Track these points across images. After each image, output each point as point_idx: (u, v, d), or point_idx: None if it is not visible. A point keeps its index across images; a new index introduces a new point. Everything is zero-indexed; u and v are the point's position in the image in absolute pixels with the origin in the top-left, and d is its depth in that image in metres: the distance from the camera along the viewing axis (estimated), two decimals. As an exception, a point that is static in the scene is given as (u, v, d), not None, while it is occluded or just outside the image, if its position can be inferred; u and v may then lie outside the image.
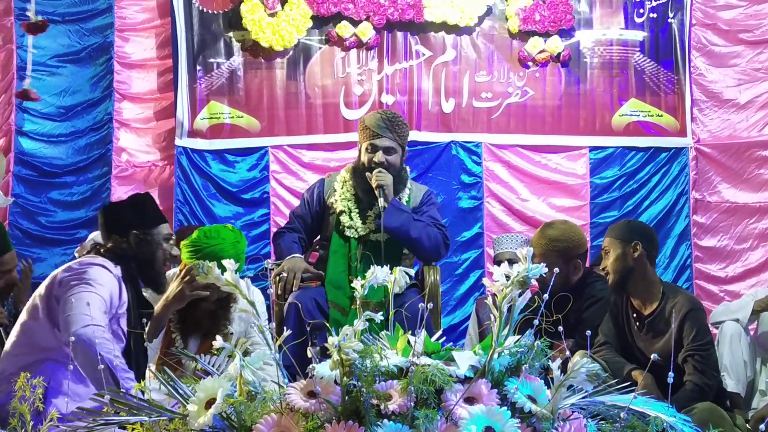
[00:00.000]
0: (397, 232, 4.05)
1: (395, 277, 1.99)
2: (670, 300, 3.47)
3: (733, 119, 6.38)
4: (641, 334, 3.52)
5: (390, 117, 4.21)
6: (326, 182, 4.37)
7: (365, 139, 4.18)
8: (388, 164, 4.14)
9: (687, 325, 3.38)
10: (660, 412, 1.70)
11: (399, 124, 4.20)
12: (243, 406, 1.66)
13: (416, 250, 4.17)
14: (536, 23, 6.16)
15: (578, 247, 3.95)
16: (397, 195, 4.19)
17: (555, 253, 3.87)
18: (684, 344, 3.38)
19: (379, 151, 4.13)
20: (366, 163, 4.16)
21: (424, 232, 4.11)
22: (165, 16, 6.10)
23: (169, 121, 6.12)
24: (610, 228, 3.72)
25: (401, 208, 4.11)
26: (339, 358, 1.60)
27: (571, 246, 3.91)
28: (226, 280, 1.78)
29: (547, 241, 3.94)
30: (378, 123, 4.15)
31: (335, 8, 6.04)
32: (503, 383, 1.70)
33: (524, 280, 1.74)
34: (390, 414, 1.60)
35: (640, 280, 3.52)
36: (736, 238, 6.30)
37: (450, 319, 6.04)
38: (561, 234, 3.95)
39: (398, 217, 4.06)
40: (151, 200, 3.39)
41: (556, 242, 3.91)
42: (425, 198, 4.34)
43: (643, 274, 3.52)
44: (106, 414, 1.73)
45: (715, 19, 6.41)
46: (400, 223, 4.06)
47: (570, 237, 3.94)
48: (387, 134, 4.15)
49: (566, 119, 6.33)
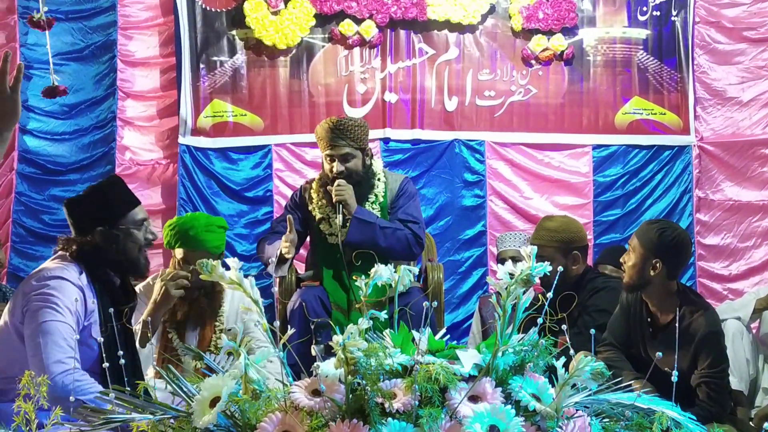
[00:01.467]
0: (363, 245, 4.05)
1: (399, 275, 1.99)
2: (688, 316, 3.33)
3: (737, 117, 6.37)
4: (655, 342, 3.43)
5: (337, 124, 4.16)
6: (303, 189, 4.38)
7: (322, 149, 4.20)
8: (349, 171, 4.13)
9: (704, 350, 3.27)
10: (665, 410, 1.70)
11: (349, 128, 4.15)
12: (247, 405, 1.66)
13: (388, 256, 4.08)
14: (539, 21, 6.16)
15: (577, 239, 3.94)
16: (365, 199, 4.18)
17: (553, 243, 3.89)
18: (698, 367, 3.28)
19: (335, 161, 4.12)
20: (328, 174, 4.18)
21: (393, 238, 4.11)
22: (168, 14, 6.10)
23: (172, 119, 6.13)
24: (644, 228, 3.47)
25: (366, 219, 4.09)
26: (343, 356, 1.60)
27: (569, 238, 3.91)
28: (230, 279, 1.78)
29: (546, 232, 3.96)
30: (327, 133, 4.13)
31: (338, 6, 6.04)
32: (507, 381, 1.70)
33: (528, 278, 1.74)
34: (394, 412, 1.60)
35: (656, 291, 3.42)
36: (740, 236, 6.30)
37: (453, 316, 6.04)
38: (560, 226, 3.96)
39: (363, 230, 4.06)
40: (114, 187, 3.12)
41: (555, 233, 3.92)
42: (401, 189, 4.31)
43: (659, 288, 3.40)
44: (110, 412, 1.73)
45: (719, 17, 6.40)
46: (366, 237, 4.06)
47: (568, 229, 3.95)
48: (340, 142, 4.12)
49: (569, 117, 6.33)
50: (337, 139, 4.11)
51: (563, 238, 3.91)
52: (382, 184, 4.26)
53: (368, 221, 4.07)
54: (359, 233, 4.02)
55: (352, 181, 4.13)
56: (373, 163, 4.30)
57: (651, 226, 3.47)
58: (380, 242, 4.06)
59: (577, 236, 3.95)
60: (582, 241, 3.99)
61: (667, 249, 3.35)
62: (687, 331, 3.31)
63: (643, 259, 3.36)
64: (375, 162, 4.34)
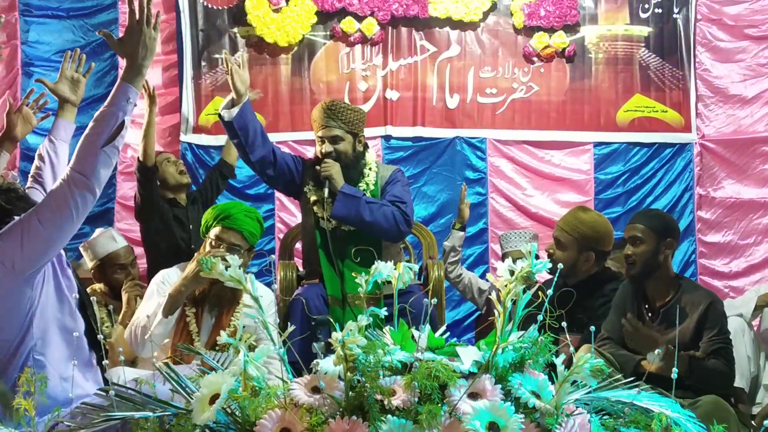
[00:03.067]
0: (348, 220, 4.06)
1: (399, 272, 1.99)
2: (687, 292, 3.47)
3: (738, 115, 6.36)
4: (654, 324, 3.49)
5: (331, 105, 4.20)
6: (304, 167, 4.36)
7: (315, 131, 4.22)
8: (338, 153, 4.14)
9: (709, 319, 3.37)
10: (664, 408, 1.70)
11: (342, 110, 4.18)
12: (247, 402, 1.66)
13: (374, 232, 4.13)
14: (541, 19, 6.16)
15: (598, 240, 3.93)
16: (354, 183, 4.17)
17: (575, 233, 3.89)
18: (705, 337, 3.37)
19: (326, 142, 4.14)
20: (318, 155, 4.19)
21: (379, 213, 4.08)
22: (170, 12, 6.10)
23: (173, 117, 6.13)
24: (644, 216, 3.68)
25: (351, 194, 4.08)
26: (343, 353, 1.60)
27: (592, 236, 3.90)
28: (230, 276, 1.78)
29: (574, 219, 3.97)
30: (320, 114, 4.17)
31: (340, 4, 6.04)
32: (507, 379, 1.70)
33: (528, 275, 1.74)
34: (394, 409, 1.60)
35: (663, 274, 3.53)
36: (741, 233, 6.29)
37: (454, 314, 6.05)
38: (589, 220, 3.96)
39: (348, 204, 4.04)
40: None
41: (581, 225, 3.92)
42: (391, 177, 4.32)
43: (666, 270, 3.54)
44: (110, 409, 1.73)
45: (721, 15, 6.39)
46: (350, 210, 4.05)
47: (595, 227, 3.94)
48: (331, 123, 4.14)
49: (571, 115, 6.33)
50: (328, 120, 4.14)
51: (585, 232, 3.90)
52: (374, 174, 4.26)
53: (354, 195, 4.07)
54: (344, 207, 4.02)
55: (341, 164, 4.14)
56: (366, 152, 4.30)
57: (648, 213, 3.81)
58: (365, 216, 4.04)
59: (600, 237, 3.93)
60: (603, 244, 3.96)
61: (674, 227, 3.63)
62: (687, 306, 3.42)
63: (655, 242, 3.51)
64: (368, 152, 4.33)
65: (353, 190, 4.09)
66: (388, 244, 4.21)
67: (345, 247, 4.11)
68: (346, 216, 4.04)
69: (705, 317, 3.38)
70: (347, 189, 4.07)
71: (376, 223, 4.07)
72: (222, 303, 3.54)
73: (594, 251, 3.91)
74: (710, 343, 3.35)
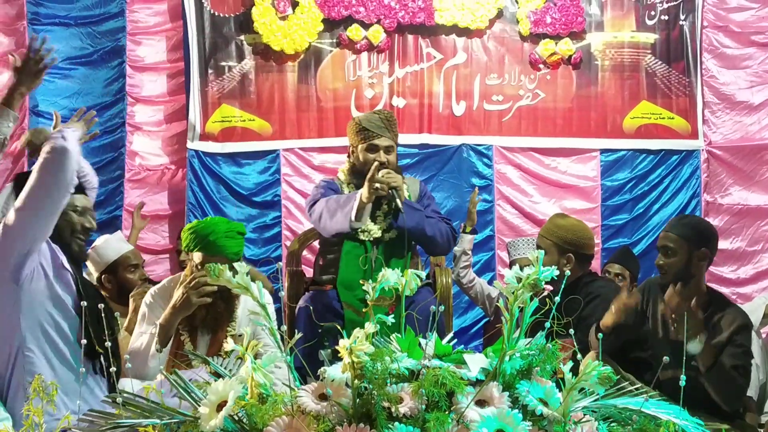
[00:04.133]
0: (414, 231, 4.04)
1: (407, 279, 1.98)
2: (720, 308, 3.36)
3: (745, 121, 6.36)
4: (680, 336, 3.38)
5: (387, 116, 4.22)
6: (336, 183, 4.37)
7: (363, 140, 4.15)
8: (389, 164, 4.13)
9: (739, 339, 3.28)
10: (672, 415, 1.69)
11: (394, 123, 4.23)
12: (254, 409, 1.66)
13: (429, 246, 4.19)
14: (547, 26, 6.16)
15: (577, 243, 3.90)
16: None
17: (552, 237, 3.87)
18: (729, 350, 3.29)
19: (380, 150, 4.13)
20: (367, 164, 4.12)
21: (436, 228, 4.13)
22: (177, 20, 6.12)
23: (180, 124, 6.14)
24: (677, 225, 3.51)
25: (415, 206, 4.11)
26: (350, 360, 1.60)
27: (570, 238, 3.87)
28: (237, 283, 1.78)
29: (551, 225, 3.97)
30: (377, 123, 4.15)
31: (346, 11, 6.05)
32: (514, 386, 1.70)
33: (535, 282, 1.74)
34: (401, 417, 1.60)
35: (695, 284, 3.43)
36: (748, 240, 6.29)
37: (461, 321, 6.04)
38: (567, 224, 3.95)
39: (414, 216, 4.06)
40: None
41: (558, 229, 3.91)
42: (422, 191, 4.33)
43: (699, 281, 3.44)
44: (118, 416, 1.73)
45: (727, 21, 6.39)
46: (417, 222, 4.06)
47: (573, 230, 3.92)
48: (386, 134, 4.15)
49: (577, 122, 6.33)
50: (384, 130, 4.15)
51: (564, 236, 3.88)
52: (405, 186, 4.26)
53: (417, 208, 4.11)
54: (412, 219, 4.03)
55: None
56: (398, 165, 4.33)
57: (682, 221, 3.56)
58: (427, 230, 4.09)
59: (579, 240, 3.91)
60: (583, 247, 3.92)
61: (709, 235, 3.47)
62: (720, 322, 3.33)
63: (688, 252, 3.39)
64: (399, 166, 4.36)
65: (414, 203, 4.14)
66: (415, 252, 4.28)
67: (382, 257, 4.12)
68: (414, 227, 4.03)
69: (735, 335, 3.28)
70: (409, 202, 4.12)
71: (433, 238, 4.13)
72: (216, 321, 3.51)
73: (573, 254, 3.89)
74: (733, 357, 3.26)
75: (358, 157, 4.18)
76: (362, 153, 4.17)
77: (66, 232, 3.12)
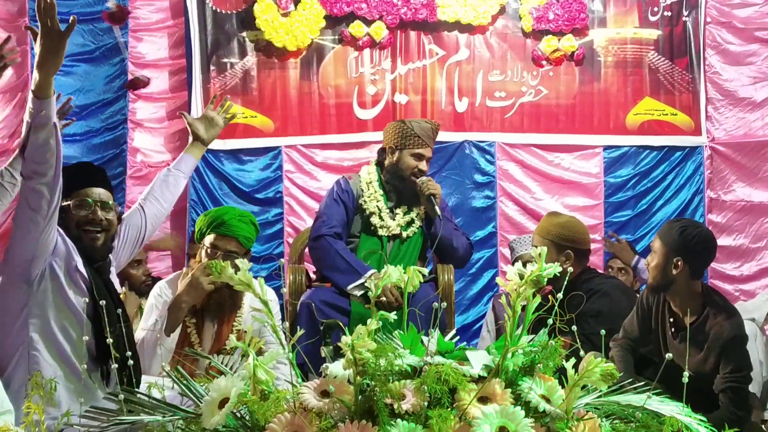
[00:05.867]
0: (445, 240, 4.22)
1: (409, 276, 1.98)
2: (712, 317, 3.30)
3: (749, 118, 6.35)
4: (675, 342, 3.39)
5: (436, 128, 4.44)
6: (352, 183, 4.40)
7: (411, 146, 4.31)
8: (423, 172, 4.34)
9: (726, 355, 3.23)
10: (675, 412, 1.69)
11: (437, 134, 4.45)
12: (256, 406, 1.66)
13: (451, 257, 4.34)
14: (550, 22, 6.15)
15: (574, 239, 3.89)
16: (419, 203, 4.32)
17: (549, 236, 3.87)
18: (721, 371, 3.24)
19: (424, 160, 4.30)
20: (406, 170, 4.29)
21: (460, 242, 4.34)
22: (178, 16, 6.11)
23: (182, 121, 6.11)
24: (666, 228, 3.45)
25: (448, 217, 4.33)
26: (352, 357, 1.60)
27: (566, 235, 3.87)
28: (239, 279, 1.78)
29: (546, 224, 3.96)
30: (428, 134, 4.34)
31: (348, 8, 6.04)
32: (517, 382, 1.69)
33: (538, 279, 1.73)
34: (403, 414, 1.59)
35: (679, 290, 3.37)
36: (752, 237, 6.27)
37: (463, 318, 6.04)
38: (562, 221, 3.95)
39: (447, 227, 4.25)
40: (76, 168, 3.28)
41: (554, 227, 3.91)
42: (443, 203, 4.46)
43: (683, 287, 3.36)
44: (119, 413, 1.73)
45: (730, 17, 6.37)
46: (448, 234, 4.25)
47: (568, 227, 3.92)
48: (431, 144, 4.36)
49: (580, 118, 6.32)
50: (431, 141, 4.36)
51: (560, 233, 3.88)
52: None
53: (449, 219, 4.34)
54: (446, 228, 4.23)
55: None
56: None
57: (673, 224, 3.45)
58: (454, 242, 4.30)
59: (575, 236, 3.90)
60: (580, 243, 3.92)
61: (688, 247, 3.32)
62: (710, 335, 3.27)
63: (665, 258, 3.33)
64: None
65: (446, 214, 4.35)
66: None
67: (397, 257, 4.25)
68: (446, 236, 4.22)
69: (724, 352, 3.23)
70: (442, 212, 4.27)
71: (457, 250, 4.34)
72: (223, 310, 3.53)
73: (572, 250, 3.88)
74: (724, 380, 3.22)
75: (400, 159, 4.29)
76: (406, 158, 4.33)
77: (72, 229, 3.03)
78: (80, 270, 2.97)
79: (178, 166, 3.57)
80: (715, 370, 3.27)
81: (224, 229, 3.52)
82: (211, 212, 3.67)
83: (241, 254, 3.55)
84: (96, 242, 3.05)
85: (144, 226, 3.39)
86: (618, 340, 3.58)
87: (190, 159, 3.63)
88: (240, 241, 3.55)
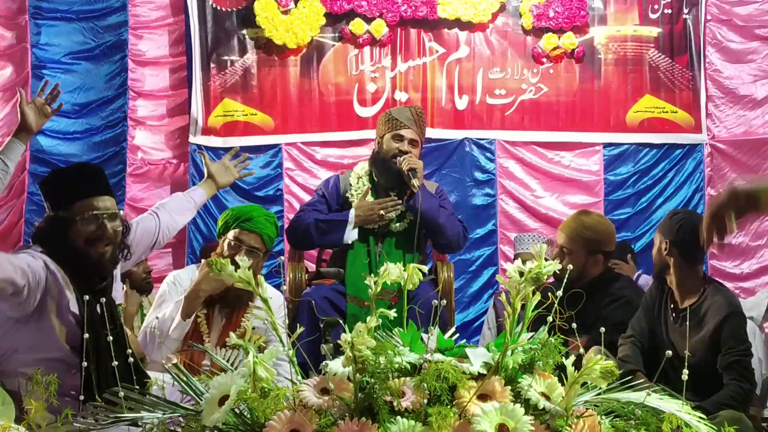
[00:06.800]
0: (427, 214, 4.07)
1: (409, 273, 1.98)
2: (710, 297, 3.38)
3: (749, 116, 6.35)
4: (676, 325, 3.45)
5: (418, 111, 4.29)
6: (341, 179, 4.38)
7: (390, 129, 4.22)
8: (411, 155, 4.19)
9: (726, 330, 3.28)
10: (675, 409, 1.69)
11: (423, 120, 4.30)
12: (256, 403, 1.66)
13: (438, 236, 4.19)
14: (550, 20, 6.15)
15: (605, 242, 3.89)
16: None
17: (581, 239, 3.84)
18: (722, 348, 3.28)
19: (405, 141, 4.16)
20: (388, 152, 4.18)
21: (449, 220, 4.17)
22: (179, 14, 6.12)
23: (182, 119, 6.14)
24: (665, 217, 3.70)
25: (430, 194, 4.17)
26: (352, 354, 1.60)
27: (598, 239, 3.86)
28: (240, 277, 1.78)
29: (578, 225, 3.92)
30: (406, 115, 4.23)
31: (348, 5, 6.04)
32: (517, 380, 1.69)
33: (538, 276, 1.73)
34: (403, 411, 1.59)
35: (677, 272, 3.46)
36: (752, 234, 6.27)
37: (464, 315, 6.04)
38: (594, 223, 3.93)
39: (430, 201, 4.10)
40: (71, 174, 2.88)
41: (585, 229, 3.88)
42: (439, 192, 4.36)
43: (678, 268, 3.45)
44: (119, 410, 1.73)
45: (731, 15, 6.37)
46: (431, 208, 4.10)
47: (601, 230, 3.90)
48: (413, 127, 4.21)
49: (580, 116, 6.32)
50: (412, 123, 4.22)
51: (591, 236, 3.86)
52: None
53: (432, 195, 4.18)
54: (426, 202, 4.08)
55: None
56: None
57: (669, 213, 3.68)
58: (439, 218, 4.12)
59: (606, 239, 3.90)
60: (610, 245, 3.92)
61: (673, 229, 3.47)
62: (707, 312, 3.34)
63: (657, 241, 3.51)
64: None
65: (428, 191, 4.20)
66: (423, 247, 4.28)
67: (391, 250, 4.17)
68: (427, 209, 4.07)
69: (721, 328, 3.28)
70: (425, 188, 4.17)
71: (444, 228, 4.15)
72: (235, 303, 3.54)
73: (601, 253, 3.89)
74: (727, 356, 3.26)
75: (382, 144, 4.23)
76: (387, 141, 4.23)
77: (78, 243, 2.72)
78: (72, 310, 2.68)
79: (192, 194, 3.67)
80: (714, 351, 3.30)
81: (251, 224, 3.54)
82: (238, 207, 3.72)
83: (262, 252, 3.57)
84: (105, 255, 2.77)
85: (157, 233, 3.38)
86: (627, 338, 3.59)
87: (203, 194, 3.73)
88: (264, 239, 3.57)
